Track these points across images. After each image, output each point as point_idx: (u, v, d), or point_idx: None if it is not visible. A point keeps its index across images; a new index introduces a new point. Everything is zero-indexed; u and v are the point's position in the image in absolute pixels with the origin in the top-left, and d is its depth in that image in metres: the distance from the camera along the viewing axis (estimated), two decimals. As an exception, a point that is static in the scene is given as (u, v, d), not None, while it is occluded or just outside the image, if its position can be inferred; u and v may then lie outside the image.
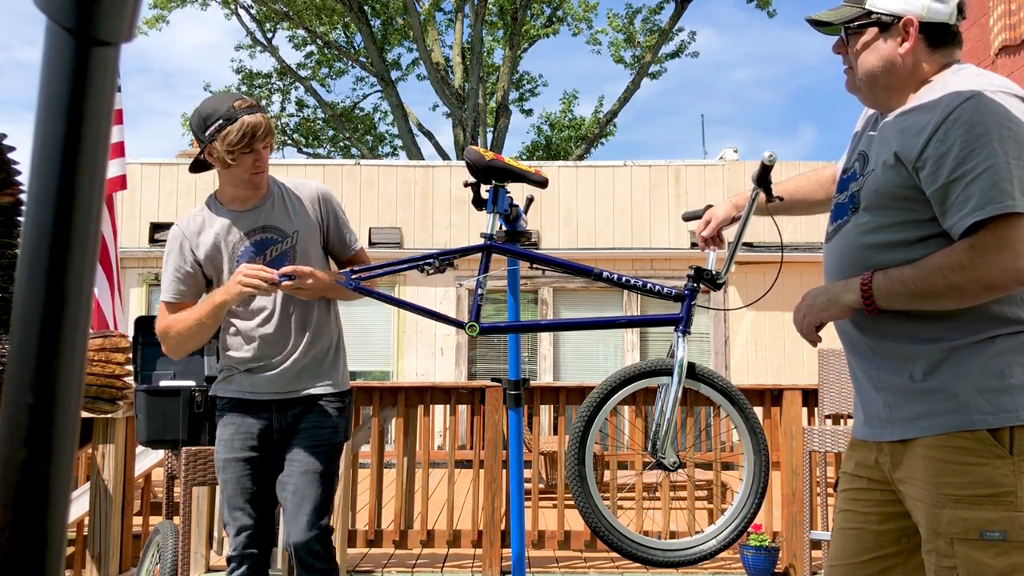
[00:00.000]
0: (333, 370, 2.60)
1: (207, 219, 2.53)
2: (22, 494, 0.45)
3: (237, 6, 19.47)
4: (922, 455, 1.60)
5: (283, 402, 2.52)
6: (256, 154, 2.41)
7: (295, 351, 2.52)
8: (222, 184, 2.53)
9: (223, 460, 2.52)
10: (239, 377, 2.54)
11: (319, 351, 2.57)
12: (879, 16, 1.68)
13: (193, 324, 2.47)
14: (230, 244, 2.49)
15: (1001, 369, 1.55)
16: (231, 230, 2.50)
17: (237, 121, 2.34)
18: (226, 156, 2.36)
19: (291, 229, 2.52)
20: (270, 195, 2.54)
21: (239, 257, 2.48)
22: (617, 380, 2.28)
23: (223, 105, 2.38)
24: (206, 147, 2.40)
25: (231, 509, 2.50)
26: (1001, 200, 1.48)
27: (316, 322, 2.56)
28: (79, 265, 0.45)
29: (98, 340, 2.13)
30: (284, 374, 2.51)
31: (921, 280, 1.56)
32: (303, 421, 2.53)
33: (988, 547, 1.51)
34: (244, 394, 2.53)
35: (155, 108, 52.46)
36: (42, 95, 0.44)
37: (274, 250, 2.50)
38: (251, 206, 2.52)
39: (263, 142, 2.40)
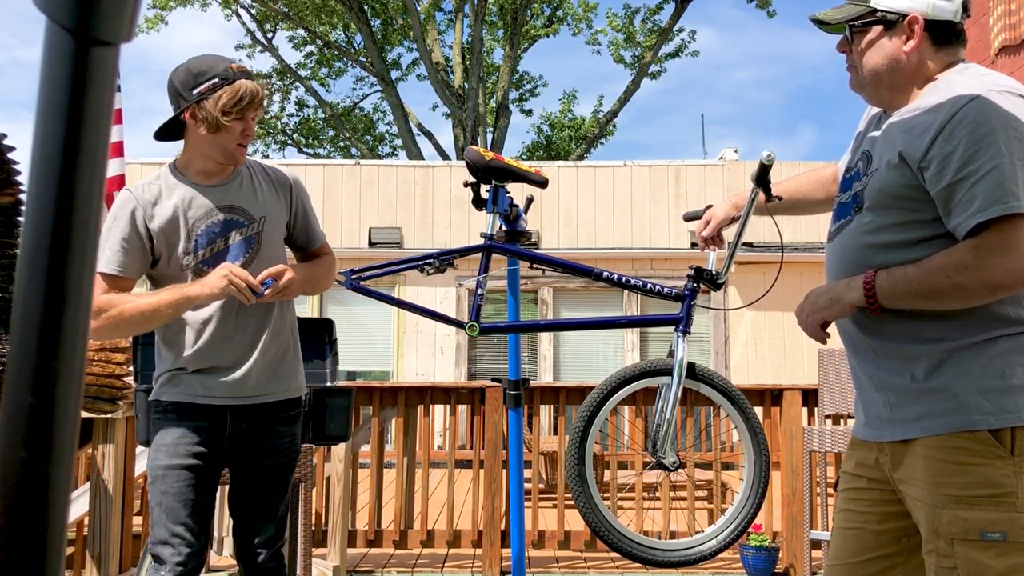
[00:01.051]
0: (294, 373, 2.39)
1: (165, 189, 2.24)
2: (22, 494, 0.45)
3: (237, 6, 19.48)
4: (923, 455, 1.60)
5: (240, 408, 2.27)
6: (246, 123, 2.20)
7: (254, 351, 2.27)
8: (190, 153, 2.25)
9: (163, 467, 2.21)
10: (189, 379, 2.25)
11: (278, 351, 2.33)
12: (884, 14, 1.67)
13: (147, 311, 2.15)
14: (190, 220, 2.22)
15: (1003, 369, 1.55)
16: (193, 204, 2.23)
17: (235, 83, 2.15)
18: (220, 118, 2.13)
19: (258, 214, 2.29)
20: (238, 173, 2.30)
21: (199, 236, 2.22)
22: (617, 380, 2.28)
23: (219, 65, 2.17)
24: (190, 106, 2.15)
25: (171, 523, 2.19)
26: (1006, 201, 1.48)
27: (275, 318, 2.32)
28: (79, 265, 0.45)
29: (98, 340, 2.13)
30: (243, 377, 2.26)
31: (924, 280, 1.56)
32: (261, 429, 2.30)
33: (988, 548, 1.51)
34: (196, 398, 2.24)
35: (155, 108, 52.41)
36: (42, 95, 0.44)
37: (238, 233, 2.26)
38: (218, 182, 2.27)
39: (256, 111, 2.22)
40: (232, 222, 2.25)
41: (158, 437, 2.25)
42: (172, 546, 2.18)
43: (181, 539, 2.19)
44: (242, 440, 2.28)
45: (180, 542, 2.18)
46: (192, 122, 2.18)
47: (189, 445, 2.23)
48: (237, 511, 2.35)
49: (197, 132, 2.19)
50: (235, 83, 2.15)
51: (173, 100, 2.21)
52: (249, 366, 2.26)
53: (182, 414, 2.24)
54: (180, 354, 2.25)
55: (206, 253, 2.23)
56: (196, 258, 2.22)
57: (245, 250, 2.26)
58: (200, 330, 2.24)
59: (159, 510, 2.20)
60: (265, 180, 2.34)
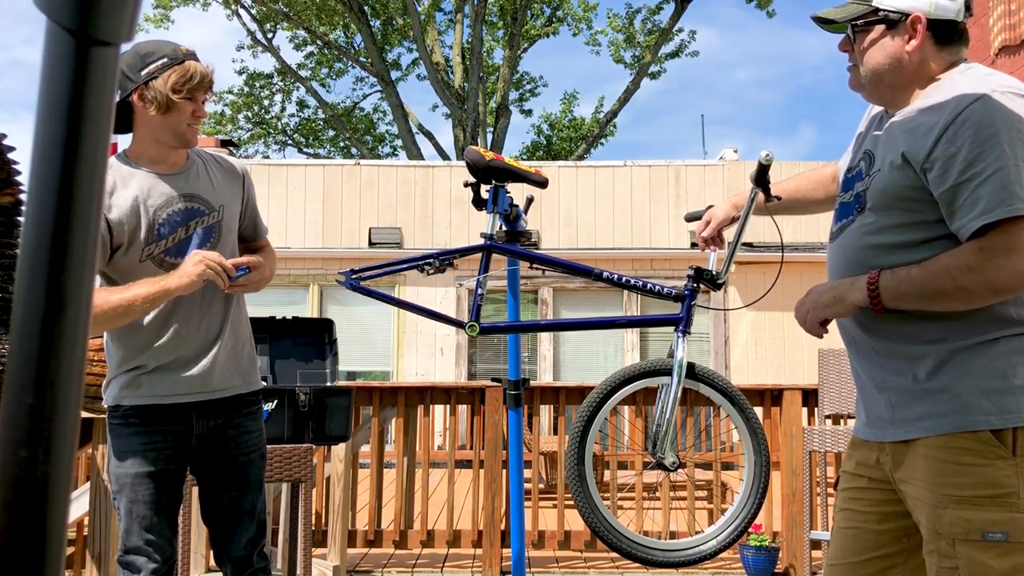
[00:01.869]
0: (252, 367, 2.34)
1: (120, 178, 2.18)
2: (22, 494, 0.45)
3: (238, 6, 19.47)
4: (924, 455, 1.60)
5: (205, 405, 2.22)
6: (196, 104, 2.17)
7: (217, 342, 2.23)
8: (142, 142, 2.20)
9: (132, 476, 2.15)
10: (150, 379, 2.18)
11: (239, 343, 2.30)
12: (886, 13, 1.67)
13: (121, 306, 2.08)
14: (151, 208, 2.17)
15: (1004, 370, 1.55)
16: (152, 193, 2.18)
17: (184, 63, 2.14)
18: (171, 95, 2.10)
19: (217, 203, 2.26)
20: (193, 162, 2.27)
21: (160, 225, 2.17)
22: (617, 380, 2.28)
23: (167, 47, 2.16)
24: (138, 88, 2.11)
25: (144, 531, 2.15)
26: (1010, 203, 1.48)
27: (233, 309, 2.29)
28: (79, 265, 0.45)
29: (98, 340, 2.13)
30: (207, 372, 2.21)
31: (928, 281, 1.56)
32: (228, 427, 2.26)
33: (990, 548, 1.51)
34: (160, 399, 2.18)
35: (155, 108, 52.31)
36: (42, 95, 0.44)
37: (199, 222, 2.22)
38: (175, 170, 2.23)
39: (205, 93, 2.19)
40: (193, 211, 2.21)
41: (121, 443, 2.18)
42: (147, 555, 2.15)
43: (154, 547, 2.16)
44: (210, 440, 2.24)
45: (154, 549, 2.15)
46: (141, 104, 2.13)
47: (157, 450, 2.17)
48: (214, 514, 2.30)
49: (147, 114, 2.14)
50: (184, 63, 2.13)
51: (120, 84, 2.13)
52: (212, 358, 2.22)
53: (146, 418, 2.18)
54: (138, 351, 2.18)
55: (168, 243, 2.18)
56: (158, 247, 2.18)
57: (206, 239, 2.23)
58: (160, 323, 2.18)
59: (129, 519, 2.15)
60: (218, 170, 2.32)
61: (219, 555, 2.31)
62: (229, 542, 2.27)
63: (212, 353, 2.22)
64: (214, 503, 2.28)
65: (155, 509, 2.16)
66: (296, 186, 10.24)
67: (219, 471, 2.27)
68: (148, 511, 2.15)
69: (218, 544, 2.30)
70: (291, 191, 10.24)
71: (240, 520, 2.26)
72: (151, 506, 2.15)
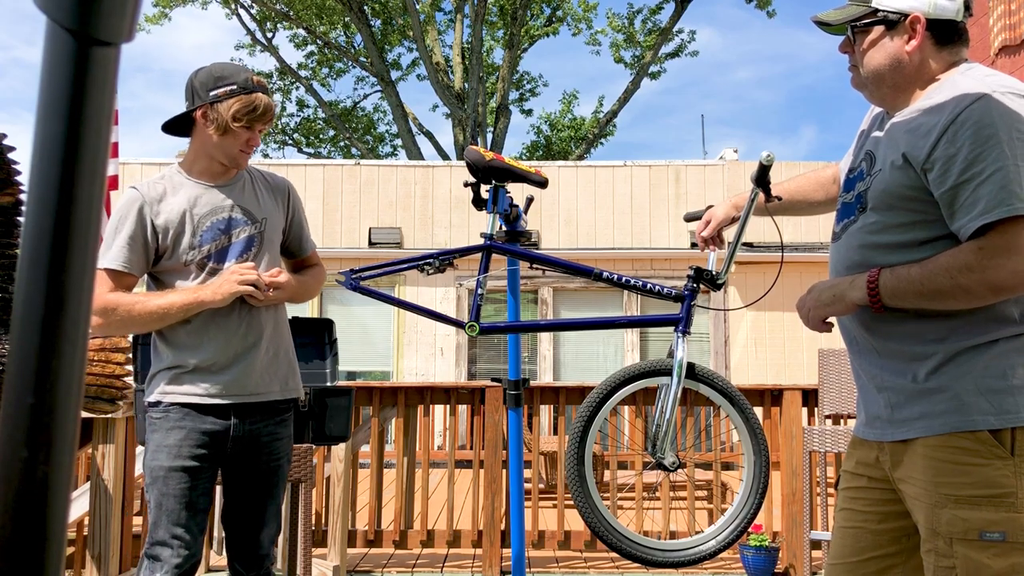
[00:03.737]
0: (292, 374, 2.44)
1: (170, 187, 2.32)
2: (22, 494, 0.45)
3: (237, 6, 19.48)
4: (923, 455, 1.60)
5: (243, 407, 2.31)
6: (253, 133, 2.31)
7: (257, 347, 2.32)
8: (196, 154, 2.35)
9: (165, 469, 2.22)
10: (191, 377, 2.27)
11: (279, 351, 2.39)
12: (886, 14, 1.67)
13: (157, 312, 2.22)
14: (196, 216, 2.30)
15: (1003, 370, 1.55)
16: (199, 202, 2.31)
17: (252, 94, 2.27)
18: (230, 121, 2.24)
19: (259, 215, 2.38)
20: (241, 176, 2.40)
21: (204, 232, 2.29)
22: (617, 380, 2.28)
23: (240, 74, 2.29)
24: (204, 106, 2.26)
25: (172, 525, 2.21)
26: (1010, 203, 1.48)
27: (274, 316, 2.38)
28: (79, 265, 0.45)
29: (98, 340, 2.13)
30: (246, 376, 2.30)
31: (928, 280, 1.56)
32: (263, 431, 2.34)
33: (987, 548, 1.51)
34: (201, 398, 2.26)
35: (155, 108, 52.48)
36: (42, 95, 0.44)
37: (241, 231, 2.34)
38: (222, 182, 2.36)
39: (264, 125, 2.34)
40: (236, 220, 2.34)
41: (159, 437, 2.25)
42: (171, 547, 2.20)
43: (181, 541, 2.21)
44: (244, 442, 2.32)
45: (179, 544, 2.21)
46: (203, 121, 2.28)
47: (192, 447, 2.25)
48: (238, 513, 2.36)
49: (205, 132, 2.28)
50: (251, 94, 2.27)
51: (188, 97, 2.31)
52: (252, 362, 2.31)
53: (186, 415, 2.26)
54: (182, 350, 2.28)
55: (211, 248, 2.30)
56: (200, 252, 2.29)
57: (247, 248, 2.34)
58: (203, 325, 2.27)
59: (159, 511, 2.22)
60: (264, 185, 2.44)
61: (236, 551, 2.37)
62: (252, 541, 2.35)
63: (252, 357, 2.31)
64: (240, 504, 2.36)
65: (184, 504, 2.22)
66: (296, 186, 10.23)
67: (249, 474, 2.35)
68: (177, 505, 2.22)
69: (239, 542, 2.36)
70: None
71: (264, 522, 2.36)
72: (181, 500, 2.22)
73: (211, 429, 2.27)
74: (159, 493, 2.23)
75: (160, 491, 2.22)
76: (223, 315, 2.28)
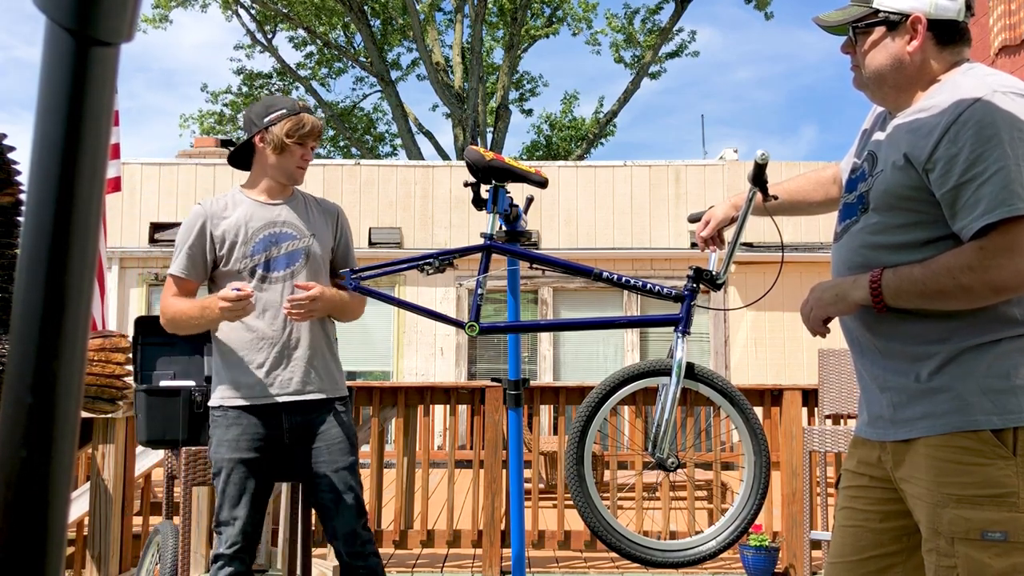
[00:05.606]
0: (339, 373, 2.71)
1: (231, 202, 2.65)
2: (22, 494, 0.45)
3: (237, 6, 19.47)
4: (925, 454, 1.60)
5: (292, 405, 2.59)
6: (305, 149, 2.63)
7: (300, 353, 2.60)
8: (256, 176, 2.68)
9: (226, 460, 2.55)
10: (243, 382, 2.57)
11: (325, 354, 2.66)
12: (887, 15, 1.67)
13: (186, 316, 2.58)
14: (250, 229, 2.60)
15: (1007, 370, 1.55)
16: (254, 217, 2.62)
17: (299, 115, 2.61)
18: (284, 139, 2.57)
19: (308, 232, 2.65)
20: (296, 197, 2.70)
21: (256, 244, 2.59)
22: (616, 380, 2.28)
23: (288, 101, 2.67)
24: (260, 132, 2.60)
25: (231, 508, 2.55)
26: (1011, 203, 1.48)
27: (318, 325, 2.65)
28: (79, 265, 0.45)
29: (98, 340, 2.13)
30: (292, 378, 2.58)
31: (930, 280, 1.56)
32: (316, 422, 2.61)
33: (989, 547, 1.51)
34: (254, 400, 2.57)
35: (155, 108, 52.41)
36: (42, 95, 0.44)
37: (290, 245, 2.62)
38: (278, 200, 2.67)
39: (315, 141, 2.65)
40: (286, 235, 2.63)
41: (220, 432, 2.58)
42: (231, 525, 2.54)
43: (239, 521, 2.54)
44: (300, 432, 2.60)
45: (238, 524, 2.54)
46: (261, 145, 2.63)
47: (249, 440, 2.56)
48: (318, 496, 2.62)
49: (264, 154, 2.63)
50: (299, 115, 2.61)
51: (247, 127, 2.68)
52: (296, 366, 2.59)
53: (241, 414, 2.57)
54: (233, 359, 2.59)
55: (261, 258, 2.59)
56: (252, 261, 2.59)
57: (295, 260, 2.62)
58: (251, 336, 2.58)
59: (223, 496, 2.56)
60: (316, 207, 2.74)
61: (329, 532, 2.63)
62: (336, 518, 2.60)
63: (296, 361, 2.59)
64: (316, 487, 2.62)
65: (243, 490, 2.55)
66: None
67: (314, 460, 2.61)
68: (236, 491, 2.55)
69: (327, 522, 2.62)
70: (291, 191, 10.23)
71: (340, 499, 2.60)
72: (240, 487, 2.55)
73: (266, 425, 2.57)
74: (223, 481, 2.56)
75: (224, 479, 2.56)
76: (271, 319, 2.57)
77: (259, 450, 2.57)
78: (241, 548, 2.55)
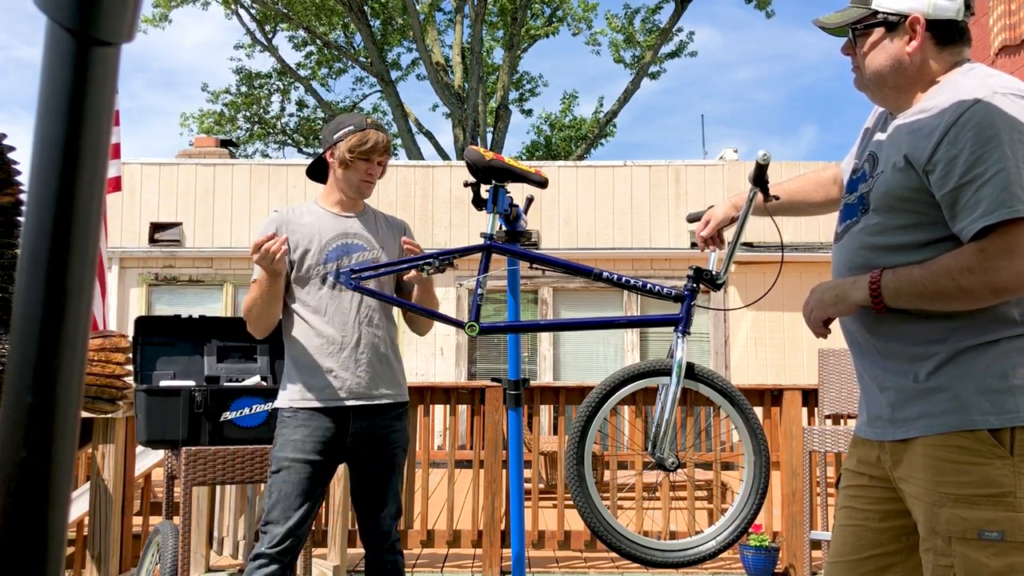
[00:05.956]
0: (402, 379, 2.82)
1: (307, 210, 2.78)
2: (22, 494, 0.45)
3: (237, 6, 19.46)
4: (923, 454, 1.60)
5: (360, 409, 2.67)
6: (371, 164, 2.73)
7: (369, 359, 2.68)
8: (329, 189, 2.81)
9: (289, 459, 2.60)
10: (314, 385, 2.65)
11: (390, 360, 2.76)
12: (885, 16, 1.68)
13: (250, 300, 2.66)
14: (323, 238, 2.71)
15: (1004, 370, 1.55)
16: (327, 227, 2.74)
17: (365, 131, 2.72)
18: (346, 154, 2.69)
19: (377, 244, 2.76)
20: (367, 212, 2.83)
21: (329, 252, 2.70)
22: (616, 380, 2.28)
23: (356, 118, 2.78)
24: (330, 147, 2.74)
25: (285, 508, 2.58)
26: (1011, 205, 1.49)
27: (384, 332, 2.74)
28: (79, 265, 0.45)
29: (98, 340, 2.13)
30: (360, 382, 2.67)
31: (930, 281, 1.56)
32: (378, 426, 2.70)
33: (986, 547, 1.51)
34: (325, 403, 2.63)
35: (155, 108, 52.41)
36: (42, 95, 0.44)
37: (360, 256, 2.73)
38: (350, 214, 2.79)
39: (380, 156, 2.74)
40: (356, 246, 2.74)
41: (287, 432, 2.64)
42: (281, 524, 2.57)
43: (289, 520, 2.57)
44: (363, 437, 2.68)
45: (288, 523, 2.57)
46: (331, 160, 2.76)
47: (315, 443, 2.62)
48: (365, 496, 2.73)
49: (334, 168, 2.75)
50: (364, 131, 2.72)
51: (322, 144, 2.82)
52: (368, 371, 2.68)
53: (310, 416, 2.63)
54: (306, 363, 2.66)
55: (333, 266, 2.69)
56: (324, 268, 2.69)
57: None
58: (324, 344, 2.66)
59: (277, 495, 2.59)
60: (384, 222, 2.85)
61: (367, 529, 2.73)
62: (376, 519, 2.72)
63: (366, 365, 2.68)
64: (365, 488, 2.73)
65: (298, 490, 2.59)
66: (296, 186, 10.24)
67: (371, 463, 2.71)
68: (295, 491, 2.59)
69: (367, 522, 2.73)
70: (291, 191, 10.24)
71: (386, 502, 2.71)
72: (297, 487, 2.59)
73: (331, 428, 2.63)
74: (281, 480, 2.59)
75: (282, 478, 2.59)
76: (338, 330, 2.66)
77: (322, 453, 2.62)
78: (286, 550, 2.57)
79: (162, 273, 10.14)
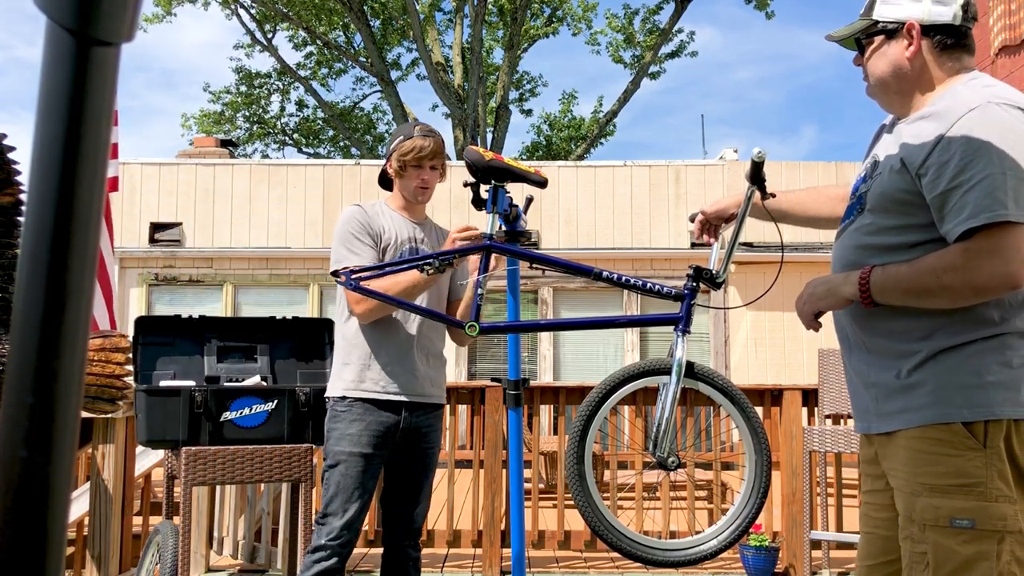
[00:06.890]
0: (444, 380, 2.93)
1: (382, 210, 2.88)
2: (22, 494, 0.45)
3: (237, 6, 19.46)
4: (903, 446, 1.68)
5: (412, 404, 2.76)
6: (423, 170, 2.82)
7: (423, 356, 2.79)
8: (395, 195, 2.92)
9: (347, 453, 2.68)
10: (373, 376, 2.72)
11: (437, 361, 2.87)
12: (884, 24, 1.78)
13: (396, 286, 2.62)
14: (399, 239, 2.83)
15: (978, 368, 1.63)
16: (403, 228, 2.86)
17: (412, 139, 2.81)
18: (395, 163, 2.81)
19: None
20: (428, 222, 2.98)
21: (403, 252, 2.81)
22: (616, 379, 2.28)
23: (409, 127, 2.89)
24: (389, 157, 2.85)
25: (344, 501, 2.65)
26: (995, 209, 1.56)
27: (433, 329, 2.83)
28: (79, 265, 0.45)
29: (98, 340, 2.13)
30: (414, 379, 2.76)
31: (915, 278, 1.64)
32: (423, 423, 2.80)
33: (957, 534, 1.58)
34: (381, 395, 2.71)
35: (155, 107, 52.44)
36: (42, 95, 0.44)
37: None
38: (415, 220, 2.92)
39: (431, 162, 2.82)
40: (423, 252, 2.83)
41: (342, 427, 2.71)
42: (339, 517, 2.64)
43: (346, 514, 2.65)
44: (409, 433, 2.77)
45: (345, 516, 2.64)
46: (391, 169, 2.87)
47: (371, 436, 2.70)
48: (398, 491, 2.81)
49: (394, 178, 2.88)
50: (412, 139, 2.81)
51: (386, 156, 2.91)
52: (419, 367, 2.77)
53: (367, 410, 2.71)
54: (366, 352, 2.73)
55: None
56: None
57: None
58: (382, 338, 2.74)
59: (336, 488, 2.67)
60: (440, 234, 2.99)
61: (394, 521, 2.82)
62: (410, 515, 2.82)
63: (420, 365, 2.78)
64: (402, 483, 2.82)
65: (357, 484, 2.67)
66: (296, 186, 10.24)
67: (412, 459, 2.81)
68: (352, 484, 2.67)
69: (398, 517, 2.81)
70: (291, 191, 10.24)
71: (419, 500, 2.83)
72: (356, 480, 2.67)
73: (386, 422, 2.71)
74: (340, 474, 2.67)
75: (341, 472, 2.67)
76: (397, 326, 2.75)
77: (377, 447, 2.70)
78: (344, 542, 2.65)
79: (162, 273, 10.14)
